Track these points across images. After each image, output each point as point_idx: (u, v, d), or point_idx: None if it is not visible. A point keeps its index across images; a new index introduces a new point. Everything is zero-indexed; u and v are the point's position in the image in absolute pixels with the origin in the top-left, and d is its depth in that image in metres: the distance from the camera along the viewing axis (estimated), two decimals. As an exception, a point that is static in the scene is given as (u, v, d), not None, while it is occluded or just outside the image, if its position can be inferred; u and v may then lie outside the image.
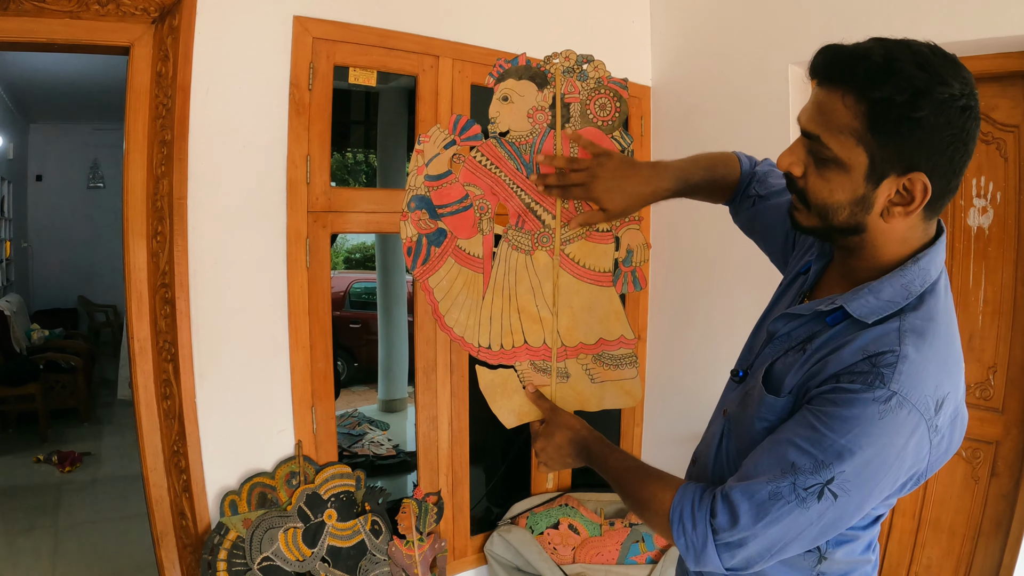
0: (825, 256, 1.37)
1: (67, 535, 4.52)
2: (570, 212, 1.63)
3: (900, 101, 1.03)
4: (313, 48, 2.70)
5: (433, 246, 1.63)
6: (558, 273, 1.65)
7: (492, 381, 1.68)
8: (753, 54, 3.25)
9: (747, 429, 1.28)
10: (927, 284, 1.16)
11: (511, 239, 1.65)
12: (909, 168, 1.08)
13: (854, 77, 1.06)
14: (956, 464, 2.89)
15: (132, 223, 2.56)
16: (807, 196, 1.18)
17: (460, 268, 1.65)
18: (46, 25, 2.35)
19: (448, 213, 1.63)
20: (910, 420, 1.07)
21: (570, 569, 3.13)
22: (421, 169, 1.60)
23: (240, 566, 2.57)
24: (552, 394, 1.69)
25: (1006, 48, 2.59)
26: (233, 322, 2.65)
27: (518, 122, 1.61)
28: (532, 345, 1.67)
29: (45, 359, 6.79)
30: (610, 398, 1.73)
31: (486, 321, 1.67)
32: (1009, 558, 2.71)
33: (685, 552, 1.21)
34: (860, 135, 1.07)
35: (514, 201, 1.64)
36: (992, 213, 2.78)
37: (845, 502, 1.10)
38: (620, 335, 1.71)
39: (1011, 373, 2.76)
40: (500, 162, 1.63)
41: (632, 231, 1.67)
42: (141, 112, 2.54)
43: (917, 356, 1.09)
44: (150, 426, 2.62)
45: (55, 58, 6.25)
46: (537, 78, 1.61)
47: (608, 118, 1.64)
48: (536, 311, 1.67)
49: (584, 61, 1.62)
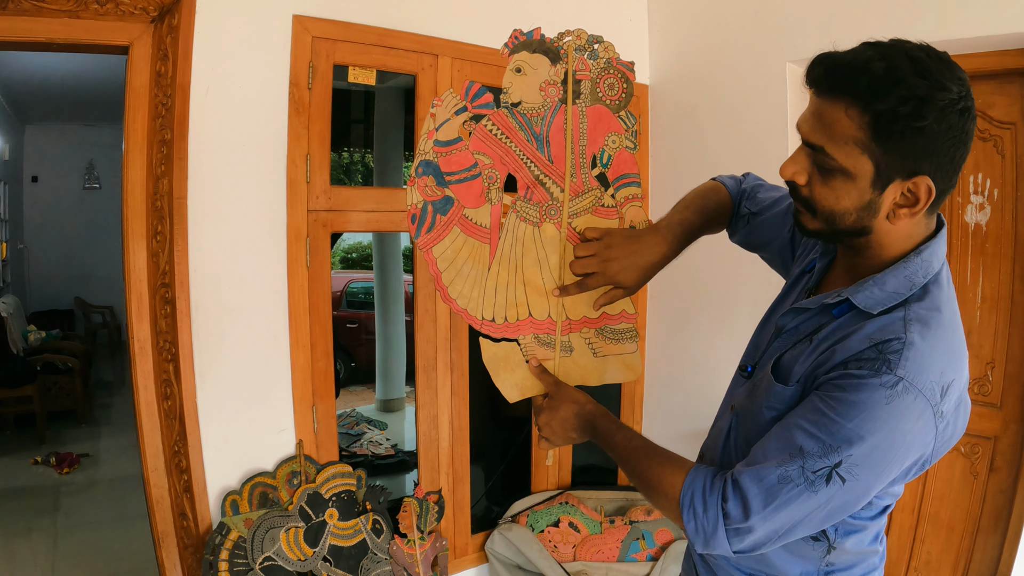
0: (829, 253, 1.39)
1: (66, 537, 4.50)
2: (578, 186, 1.64)
3: (904, 112, 1.04)
4: (313, 47, 2.70)
5: (439, 214, 1.61)
6: (565, 246, 1.65)
7: (495, 355, 1.67)
8: (751, 52, 3.25)
9: (756, 420, 1.29)
10: (930, 275, 1.18)
11: (519, 210, 1.65)
12: (913, 172, 1.10)
13: (856, 89, 1.07)
14: (955, 459, 2.90)
15: (132, 223, 2.56)
16: (813, 203, 1.19)
17: (466, 238, 1.64)
18: (45, 24, 2.35)
19: (456, 181, 1.62)
20: (916, 405, 1.09)
21: (571, 567, 3.14)
22: (431, 133, 1.59)
23: (242, 566, 2.57)
24: (555, 368, 1.68)
25: (1003, 46, 2.60)
26: (234, 321, 2.65)
27: (530, 94, 1.62)
28: (537, 318, 1.67)
29: (42, 360, 6.77)
30: (612, 372, 1.74)
31: (491, 293, 1.66)
32: (1008, 553, 2.72)
33: (694, 536, 1.22)
34: (865, 144, 1.09)
35: (524, 172, 1.64)
36: (989, 210, 2.79)
37: (852, 486, 1.12)
38: (622, 309, 1.73)
39: (1009, 369, 2.77)
40: (511, 132, 1.63)
41: (635, 208, 1.69)
42: (141, 112, 2.54)
43: (922, 343, 1.11)
44: (151, 426, 2.62)
45: (51, 59, 6.25)
46: (550, 53, 1.63)
47: (616, 97, 1.66)
48: (542, 284, 1.66)
49: (595, 41, 1.65)
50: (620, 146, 1.68)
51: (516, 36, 1.62)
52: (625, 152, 1.68)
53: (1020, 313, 2.73)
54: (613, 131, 1.67)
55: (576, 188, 1.65)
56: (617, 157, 1.68)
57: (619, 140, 1.68)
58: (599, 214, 1.67)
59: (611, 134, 1.67)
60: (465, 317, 1.66)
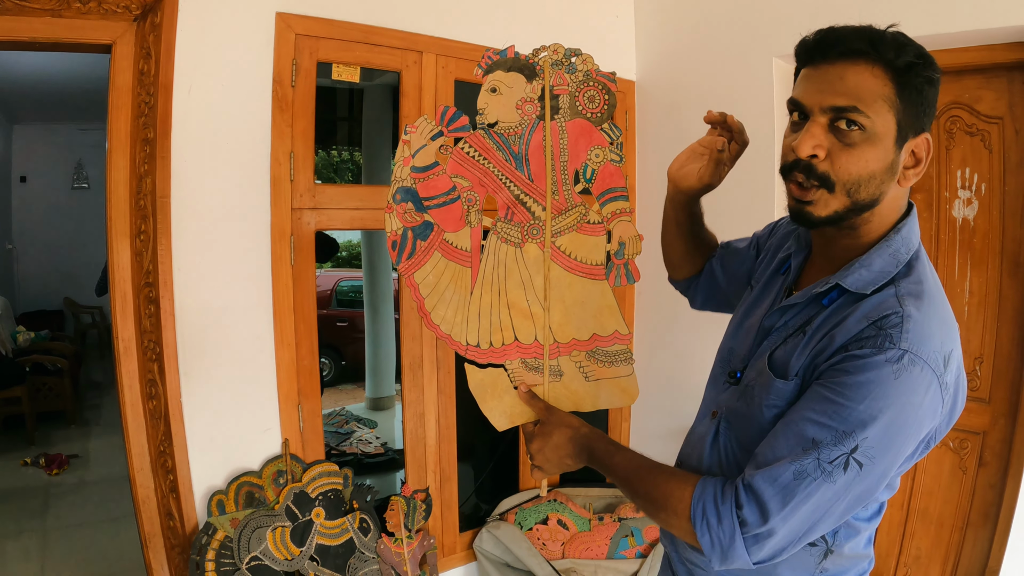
0: (804, 250, 1.39)
1: (55, 538, 4.48)
2: (561, 203, 1.62)
3: (921, 64, 1.10)
4: (296, 44, 2.69)
5: (419, 240, 1.59)
6: (549, 266, 1.61)
7: (482, 381, 1.63)
8: (737, 48, 3.25)
9: (753, 421, 1.26)
10: (912, 251, 1.20)
11: (500, 231, 1.62)
12: (920, 130, 1.15)
13: (881, 47, 1.11)
14: (944, 454, 2.90)
15: (115, 222, 2.54)
16: (834, 175, 1.15)
17: (447, 263, 1.61)
18: (27, 24, 2.33)
19: (435, 205, 1.59)
20: (924, 377, 1.08)
21: (559, 564, 3.13)
22: (407, 160, 1.56)
23: (228, 566, 2.56)
24: (545, 394, 1.63)
25: (990, 40, 2.60)
26: (218, 321, 2.64)
27: (507, 113, 1.59)
28: (523, 342, 1.63)
29: (31, 361, 6.73)
30: (606, 397, 1.67)
31: (474, 317, 1.62)
32: (997, 548, 2.72)
33: (710, 550, 1.17)
34: (892, 101, 1.12)
35: (503, 193, 1.61)
36: (977, 205, 2.79)
37: (870, 470, 1.10)
38: (614, 330, 1.66)
39: (997, 363, 2.77)
40: (488, 153, 1.60)
41: (624, 223, 1.63)
42: (124, 110, 2.52)
43: (919, 315, 1.11)
44: (136, 426, 2.61)
45: (39, 58, 6.21)
46: (525, 70, 1.59)
47: (597, 110, 1.61)
48: (527, 306, 1.62)
49: (572, 54, 1.60)
50: (604, 160, 1.62)
51: (489, 56, 1.58)
52: (610, 165, 1.62)
53: (1008, 308, 2.73)
54: (596, 144, 1.62)
55: (559, 206, 1.61)
56: (602, 171, 1.62)
57: (603, 153, 1.62)
58: (584, 231, 1.62)
59: (594, 148, 1.62)
60: (449, 343, 1.62)
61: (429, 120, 1.58)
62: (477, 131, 1.60)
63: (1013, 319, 2.73)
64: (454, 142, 1.60)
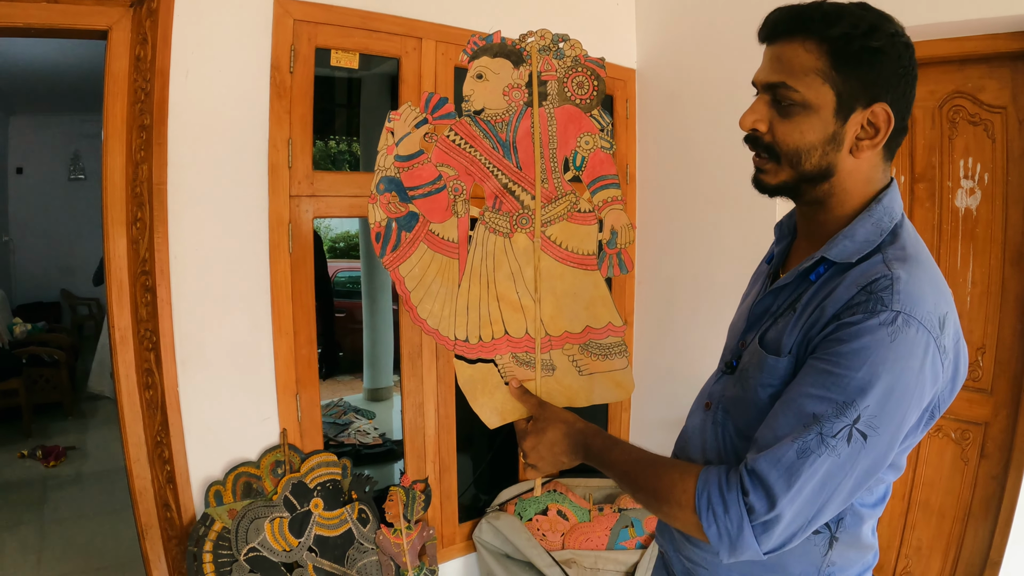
0: (786, 236, 1.40)
1: (53, 530, 4.47)
2: (550, 192, 1.59)
3: (858, 34, 1.11)
4: (294, 30, 2.66)
5: (404, 231, 1.55)
6: (539, 256, 1.58)
7: (471, 377, 1.60)
8: (738, 36, 3.21)
9: (751, 403, 1.25)
10: (895, 220, 1.20)
11: (488, 221, 1.58)
12: (873, 99, 1.15)
13: (811, 23, 1.15)
14: (945, 445, 2.89)
15: (111, 210, 2.52)
16: (776, 147, 1.21)
17: (433, 254, 1.58)
18: (22, 9, 2.30)
19: (420, 195, 1.56)
20: (920, 338, 1.07)
21: (559, 555, 3.11)
22: (391, 149, 1.54)
23: (226, 557, 2.54)
24: (537, 389, 1.60)
25: (993, 29, 2.58)
26: (215, 309, 2.61)
27: (493, 100, 1.56)
28: (513, 336, 1.60)
29: (28, 353, 6.70)
30: (600, 391, 1.64)
31: (463, 311, 1.59)
32: (999, 539, 2.71)
33: (718, 542, 1.14)
34: (825, 73, 1.14)
35: (490, 181, 1.57)
36: (980, 194, 2.78)
37: (875, 442, 1.08)
38: (608, 322, 1.63)
39: (999, 354, 2.76)
40: (475, 141, 1.57)
41: (616, 211, 1.60)
42: (120, 97, 2.49)
43: (908, 277, 1.10)
44: (132, 417, 2.59)
45: (35, 48, 6.18)
46: (512, 56, 1.56)
47: (586, 96, 1.59)
48: (517, 298, 1.59)
49: (560, 40, 1.58)
50: (594, 146, 1.60)
51: (474, 42, 1.55)
52: (601, 153, 1.60)
53: (1011, 298, 2.72)
54: (585, 131, 1.60)
55: (548, 194, 1.58)
56: (592, 158, 1.60)
57: (593, 140, 1.60)
58: (575, 220, 1.60)
59: (583, 134, 1.60)
60: (437, 338, 1.59)
61: (413, 107, 1.56)
62: (463, 118, 1.57)
63: (1015, 309, 2.71)
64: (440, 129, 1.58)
